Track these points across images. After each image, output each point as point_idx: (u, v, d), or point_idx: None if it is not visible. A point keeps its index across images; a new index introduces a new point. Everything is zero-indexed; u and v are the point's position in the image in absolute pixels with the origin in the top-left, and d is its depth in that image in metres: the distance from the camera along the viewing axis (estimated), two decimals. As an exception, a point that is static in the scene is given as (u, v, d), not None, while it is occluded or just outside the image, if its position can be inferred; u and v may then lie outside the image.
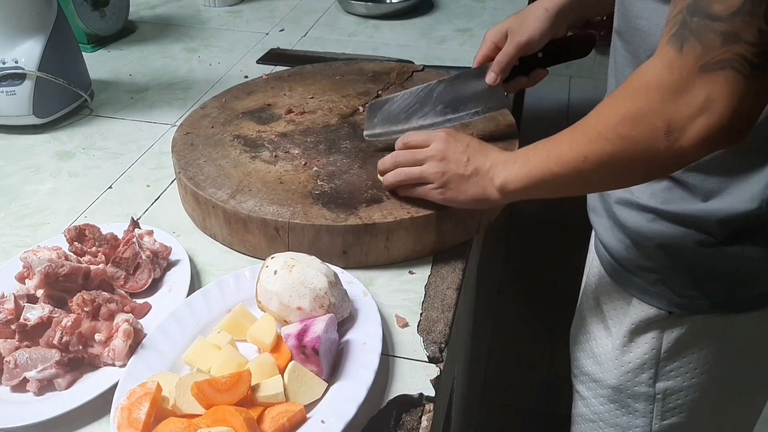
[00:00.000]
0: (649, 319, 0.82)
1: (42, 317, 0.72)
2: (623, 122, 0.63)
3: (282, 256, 0.75)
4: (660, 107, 0.59)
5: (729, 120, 0.57)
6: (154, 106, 1.26)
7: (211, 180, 0.92)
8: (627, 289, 0.83)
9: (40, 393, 0.70)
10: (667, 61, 0.58)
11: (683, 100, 0.58)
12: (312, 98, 1.13)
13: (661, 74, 0.59)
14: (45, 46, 1.16)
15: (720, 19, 0.54)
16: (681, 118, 0.58)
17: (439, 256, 0.88)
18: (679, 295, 0.79)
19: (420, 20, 1.63)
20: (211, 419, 0.62)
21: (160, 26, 1.63)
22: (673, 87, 0.58)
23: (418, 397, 0.70)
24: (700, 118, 0.57)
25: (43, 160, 1.10)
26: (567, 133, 0.70)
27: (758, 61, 0.54)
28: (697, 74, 0.56)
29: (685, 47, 0.57)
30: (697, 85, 0.57)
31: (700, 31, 0.55)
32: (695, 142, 0.59)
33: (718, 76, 0.55)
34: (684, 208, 0.75)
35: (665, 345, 0.83)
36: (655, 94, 0.60)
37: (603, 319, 0.89)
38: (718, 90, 0.56)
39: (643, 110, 0.61)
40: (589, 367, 0.93)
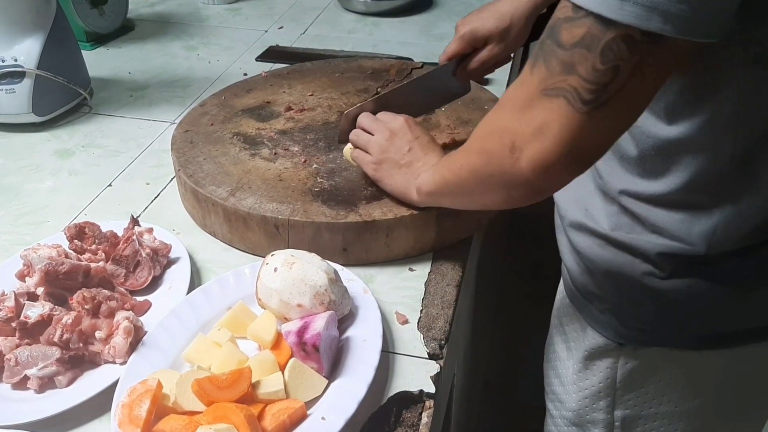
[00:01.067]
0: (601, 347, 0.79)
1: (42, 315, 0.72)
2: (484, 135, 0.65)
3: (282, 254, 0.75)
4: (508, 122, 0.59)
5: (560, 149, 0.55)
6: (153, 103, 1.26)
7: (210, 177, 0.92)
8: (581, 314, 0.81)
9: (41, 390, 0.70)
10: (522, 79, 0.58)
11: (525, 119, 0.57)
12: (311, 95, 1.13)
13: (515, 91, 0.59)
14: (44, 44, 1.16)
15: (563, 47, 0.53)
16: (522, 137, 0.58)
17: (439, 254, 0.88)
18: (627, 327, 0.76)
19: (419, 17, 1.63)
20: (211, 416, 0.62)
21: (159, 24, 1.63)
22: (519, 105, 0.58)
23: (418, 393, 0.70)
24: (535, 142, 0.57)
25: (43, 158, 1.10)
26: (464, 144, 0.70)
27: (589, 97, 0.53)
28: (539, 96, 0.56)
29: (535, 68, 0.56)
30: (538, 106, 0.56)
31: (548, 54, 0.55)
32: (531, 165, 0.58)
33: (554, 103, 0.55)
34: (631, 237, 0.72)
35: (620, 374, 0.79)
36: (507, 108, 0.60)
37: (566, 340, 0.86)
38: (552, 116, 0.55)
39: (497, 124, 0.62)
40: (555, 387, 0.91)
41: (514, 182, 0.61)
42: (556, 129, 0.55)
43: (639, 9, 0.48)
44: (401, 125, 0.86)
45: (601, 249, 0.75)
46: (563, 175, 0.59)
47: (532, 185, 0.60)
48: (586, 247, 0.77)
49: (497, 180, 0.63)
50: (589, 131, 0.54)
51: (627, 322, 0.75)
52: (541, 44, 0.56)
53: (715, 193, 0.66)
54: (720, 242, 0.67)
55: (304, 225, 0.83)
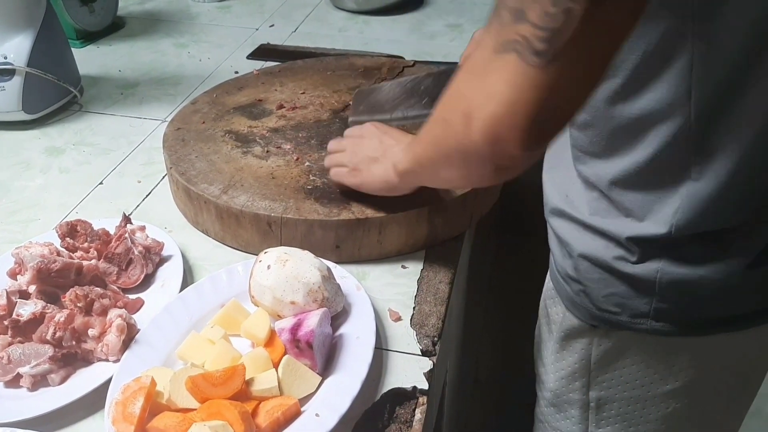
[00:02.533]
0: (576, 329, 0.79)
1: (35, 313, 0.72)
2: (444, 103, 0.61)
3: (275, 251, 0.75)
4: (464, 88, 0.56)
5: (512, 112, 0.51)
6: (144, 101, 1.26)
7: (202, 175, 0.92)
8: (561, 296, 0.81)
9: (34, 388, 0.70)
10: (477, 39, 0.57)
11: (479, 82, 0.53)
12: (303, 93, 1.13)
13: (474, 53, 0.54)
14: (34, 42, 1.16)
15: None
16: (474, 103, 0.53)
17: (431, 250, 0.88)
18: (600, 309, 0.75)
19: (410, 16, 1.63)
20: (205, 413, 0.63)
21: (150, 21, 1.62)
22: (476, 67, 0.54)
23: (411, 390, 0.70)
24: (487, 106, 0.52)
25: (33, 156, 1.10)
26: None
27: (542, 47, 0.48)
28: (491, 55, 0.51)
29: (489, 24, 0.52)
30: (491, 67, 0.51)
31: (499, 6, 0.51)
32: (483, 133, 0.53)
33: (505, 59, 0.50)
34: (605, 222, 0.71)
35: (594, 356, 0.79)
36: (464, 74, 0.56)
37: (548, 322, 0.87)
38: (503, 75, 0.50)
39: (455, 91, 0.58)
40: (539, 368, 0.92)
41: (471, 156, 0.57)
42: (506, 89, 0.50)
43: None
44: (368, 128, 0.85)
45: (578, 233, 0.75)
46: (517, 145, 0.53)
47: (488, 160, 0.56)
48: (565, 232, 0.77)
49: (455, 152, 0.60)
50: (543, 89, 0.50)
51: (600, 305, 0.76)
52: (496, 2, 0.52)
53: (675, 173, 0.65)
54: (683, 224, 0.66)
55: (297, 222, 0.84)
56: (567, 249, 0.77)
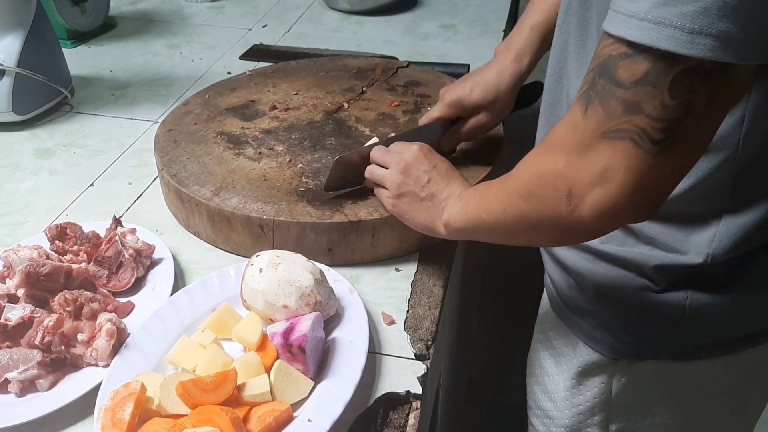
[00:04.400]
0: (594, 363, 0.78)
1: (23, 317, 0.71)
2: (532, 180, 0.60)
3: (267, 254, 0.74)
4: (563, 168, 0.56)
5: (628, 194, 0.52)
6: (135, 102, 1.25)
7: (194, 177, 0.91)
8: (572, 330, 0.80)
9: (22, 394, 0.69)
10: (573, 122, 0.55)
11: (584, 165, 0.54)
12: (296, 95, 1.12)
13: (567, 135, 0.56)
14: (24, 42, 1.15)
15: (623, 85, 0.50)
16: (581, 184, 0.55)
17: (425, 253, 0.88)
18: (622, 342, 0.75)
19: (403, 16, 1.63)
20: (196, 419, 0.62)
21: (142, 22, 1.61)
22: (575, 150, 0.54)
23: (405, 394, 0.70)
24: (598, 188, 0.53)
25: (23, 158, 1.09)
26: (499, 180, 0.67)
27: (660, 137, 0.50)
28: (598, 140, 0.52)
29: (590, 110, 0.53)
30: (598, 151, 0.52)
31: (604, 95, 0.51)
32: (594, 212, 0.55)
33: (617, 146, 0.51)
34: (623, 250, 0.71)
35: (615, 389, 0.78)
36: (559, 155, 0.56)
37: (555, 355, 0.85)
38: (616, 160, 0.52)
39: (549, 169, 0.58)
40: (543, 403, 0.89)
41: (571, 228, 0.58)
42: (622, 174, 0.51)
43: (712, 41, 0.46)
44: (416, 154, 0.80)
45: (591, 264, 0.74)
46: (627, 219, 0.57)
47: (592, 231, 0.58)
48: (574, 262, 0.76)
49: (550, 225, 0.60)
50: (658, 173, 0.51)
51: (621, 338, 0.74)
52: (592, 84, 0.53)
53: (713, 204, 0.66)
54: (719, 252, 0.67)
55: (289, 225, 0.83)
56: (577, 280, 0.76)
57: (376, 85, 1.15)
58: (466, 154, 0.95)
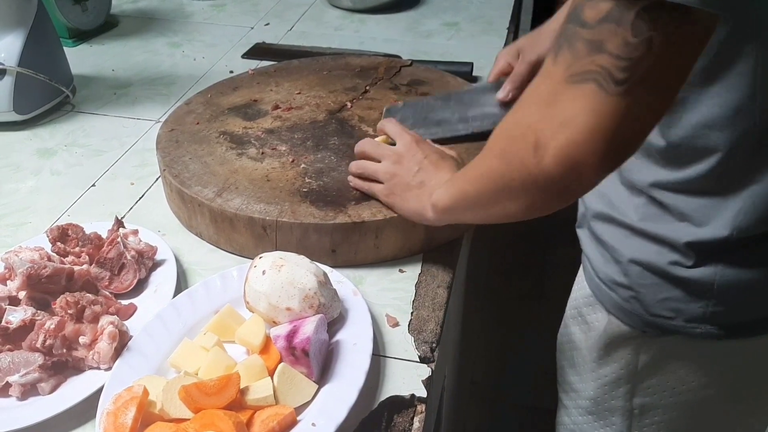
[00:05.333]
0: (623, 335, 0.80)
1: (24, 320, 0.71)
2: (504, 135, 0.61)
3: (270, 256, 0.74)
4: (532, 119, 0.56)
5: (590, 139, 0.52)
6: (137, 102, 1.24)
7: (196, 178, 0.90)
8: (604, 303, 0.81)
9: (24, 398, 0.68)
10: (544, 71, 0.55)
11: (550, 112, 0.54)
12: (299, 94, 1.11)
13: (538, 85, 0.56)
14: (25, 41, 1.14)
15: (587, 25, 0.50)
16: (546, 132, 0.54)
17: (429, 254, 0.87)
18: (652, 315, 0.76)
19: (406, 14, 1.62)
20: (199, 423, 0.61)
21: (143, 20, 1.60)
22: (544, 98, 0.55)
23: (409, 398, 0.69)
24: (560, 135, 0.53)
25: (24, 158, 1.08)
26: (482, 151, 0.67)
27: (622, 76, 0.50)
28: (564, 85, 0.52)
29: (559, 56, 0.53)
30: (564, 97, 0.53)
31: (571, 38, 0.52)
32: (557, 162, 0.54)
33: (582, 89, 0.51)
34: (658, 227, 0.72)
35: (641, 362, 0.80)
36: (530, 105, 0.57)
37: (585, 330, 0.87)
38: (580, 104, 0.51)
39: (519, 122, 0.58)
40: (570, 377, 0.91)
41: (539, 184, 0.57)
42: (584, 116, 0.51)
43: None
44: (408, 145, 0.82)
45: (627, 239, 0.75)
46: (594, 170, 0.55)
47: (559, 186, 0.57)
48: (610, 237, 0.77)
49: (520, 184, 0.59)
50: (622, 116, 0.51)
51: (652, 310, 0.76)
52: (563, 31, 0.53)
53: (740, 175, 0.67)
54: (745, 226, 0.68)
55: (292, 226, 0.82)
56: (613, 254, 0.77)
57: (379, 83, 1.14)
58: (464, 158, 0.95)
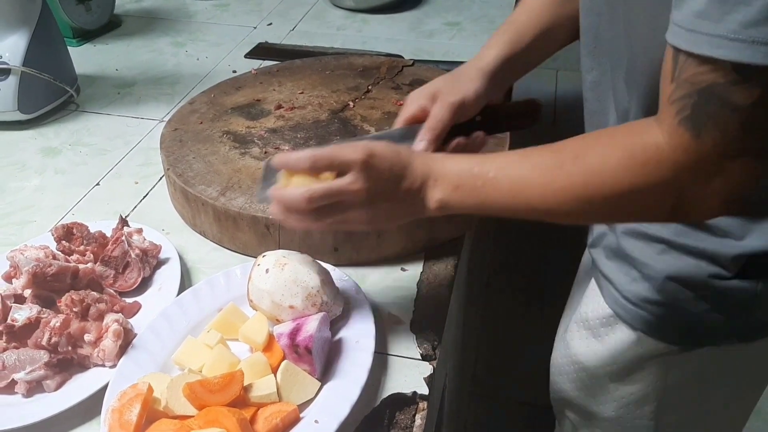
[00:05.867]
0: (655, 352, 0.78)
1: (30, 318, 0.71)
2: (626, 198, 0.59)
3: (274, 254, 0.74)
4: (673, 189, 0.58)
5: (743, 196, 0.57)
6: (141, 101, 1.25)
7: (200, 177, 0.91)
8: (631, 322, 0.79)
9: (29, 395, 0.69)
10: (683, 144, 0.56)
11: (699, 183, 0.56)
12: (302, 93, 1.12)
13: (677, 155, 0.56)
14: (30, 41, 1.15)
15: (740, 109, 0.52)
16: (695, 198, 0.57)
17: (431, 253, 0.87)
18: (690, 329, 0.76)
19: (409, 14, 1.62)
20: (203, 420, 0.62)
21: (146, 20, 1.61)
22: (691, 168, 0.56)
23: (411, 395, 0.70)
24: (714, 198, 0.57)
25: (29, 157, 1.09)
26: (537, 172, 0.62)
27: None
28: (716, 159, 0.55)
29: (704, 134, 0.54)
30: (716, 170, 0.55)
31: (719, 118, 0.53)
32: (705, 216, 0.62)
33: (737, 163, 0.55)
34: (697, 241, 0.72)
35: (671, 378, 0.79)
36: (669, 174, 0.57)
37: (596, 350, 0.84)
38: (737, 174, 0.55)
39: (655, 191, 0.58)
40: (581, 401, 0.89)
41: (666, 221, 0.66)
42: (740, 185, 0.56)
43: None
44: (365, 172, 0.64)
45: (660, 254, 0.75)
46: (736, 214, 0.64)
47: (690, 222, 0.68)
48: (641, 254, 0.76)
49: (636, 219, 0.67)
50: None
51: (689, 324, 0.75)
52: (697, 108, 0.54)
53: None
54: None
55: (296, 225, 0.83)
56: (643, 271, 0.76)
57: (381, 83, 1.14)
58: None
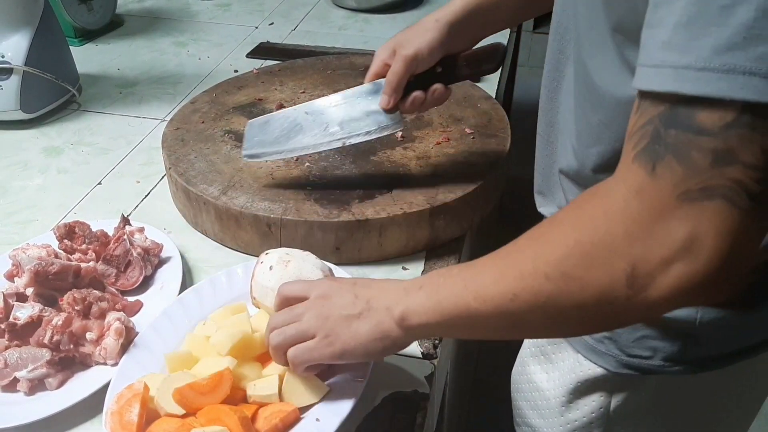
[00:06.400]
0: (596, 378, 0.74)
1: (32, 316, 0.71)
2: (570, 257, 0.49)
3: (276, 252, 0.74)
4: (623, 245, 0.46)
5: (717, 266, 0.44)
6: (143, 100, 1.25)
7: (202, 176, 0.91)
8: (572, 344, 0.75)
9: (31, 393, 0.69)
10: (635, 185, 0.46)
11: (656, 238, 0.45)
12: (303, 93, 1.12)
13: (627, 201, 0.46)
14: (32, 40, 1.15)
15: (708, 133, 0.42)
16: (651, 262, 0.45)
17: (432, 252, 0.87)
18: (629, 356, 0.71)
19: (410, 14, 1.62)
20: (205, 418, 0.62)
21: (149, 19, 1.61)
22: (643, 220, 0.45)
23: (412, 394, 0.70)
24: (678, 264, 0.45)
25: (31, 156, 1.09)
26: (492, 259, 0.56)
27: (758, 189, 0.42)
28: (675, 204, 0.44)
29: (659, 168, 0.44)
30: (676, 218, 0.44)
31: (680, 147, 0.43)
32: (667, 294, 0.46)
33: (705, 208, 0.43)
34: None
35: (614, 404, 0.75)
36: (617, 226, 0.47)
37: (549, 370, 0.80)
38: (704, 226, 0.43)
39: (600, 246, 0.48)
40: (532, 420, 0.85)
41: (621, 314, 0.49)
42: (711, 241, 0.43)
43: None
44: (327, 284, 0.65)
45: None
46: (705, 297, 0.47)
47: (653, 313, 0.48)
48: None
49: (590, 312, 0.50)
50: (752, 233, 0.44)
51: (629, 351, 0.71)
52: (656, 137, 0.44)
53: None
54: None
55: (297, 224, 0.83)
56: None
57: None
58: (468, 156, 0.95)
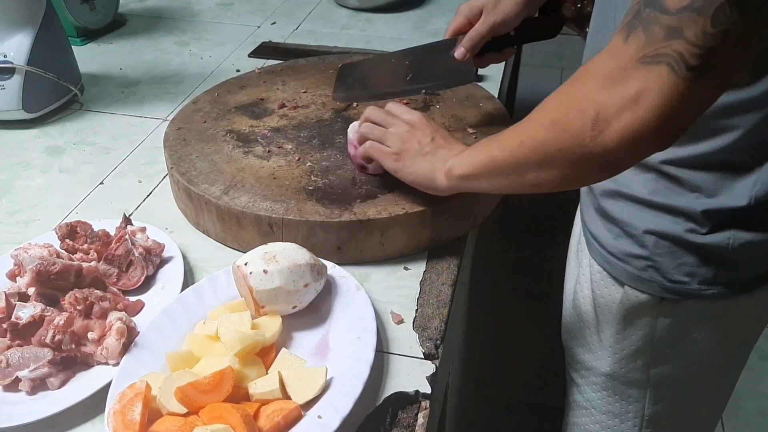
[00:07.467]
0: (641, 305, 0.82)
1: (34, 316, 0.71)
2: (558, 107, 0.63)
3: (252, 256, 0.74)
4: (593, 93, 0.58)
5: (656, 119, 0.55)
6: (145, 100, 1.25)
7: (203, 175, 0.91)
8: (618, 277, 0.83)
9: (33, 392, 0.69)
10: (612, 49, 0.57)
11: (616, 89, 0.57)
12: (305, 92, 1.12)
13: (603, 61, 0.58)
14: (34, 40, 1.15)
15: (668, 12, 0.53)
16: (610, 108, 0.57)
17: (434, 252, 0.87)
18: (670, 281, 0.78)
19: (413, 13, 1.62)
20: (207, 417, 0.62)
21: (151, 19, 1.61)
22: (610, 75, 0.57)
23: (414, 394, 0.70)
24: (627, 112, 0.56)
25: (33, 156, 1.09)
26: (517, 123, 0.70)
27: (695, 63, 0.53)
28: (635, 65, 0.55)
29: (631, 37, 0.56)
30: (633, 76, 0.56)
31: (648, 22, 0.55)
32: (618, 138, 0.57)
33: (653, 71, 0.54)
34: (671, 199, 0.75)
35: (659, 331, 0.82)
36: (592, 80, 0.59)
37: (594, 307, 0.88)
38: (650, 85, 0.55)
39: (578, 95, 0.60)
40: (581, 356, 0.93)
41: (590, 157, 0.60)
42: (653, 97, 0.55)
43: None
44: (420, 118, 0.83)
45: (639, 212, 0.78)
46: (650, 147, 0.59)
47: (611, 160, 0.60)
48: (621, 213, 0.79)
49: (567, 155, 0.62)
50: (687, 99, 0.54)
51: (671, 276, 0.78)
52: (637, 13, 0.56)
53: (757, 153, 0.70)
54: (761, 194, 0.71)
55: (298, 224, 0.83)
56: (625, 228, 0.79)
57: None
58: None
